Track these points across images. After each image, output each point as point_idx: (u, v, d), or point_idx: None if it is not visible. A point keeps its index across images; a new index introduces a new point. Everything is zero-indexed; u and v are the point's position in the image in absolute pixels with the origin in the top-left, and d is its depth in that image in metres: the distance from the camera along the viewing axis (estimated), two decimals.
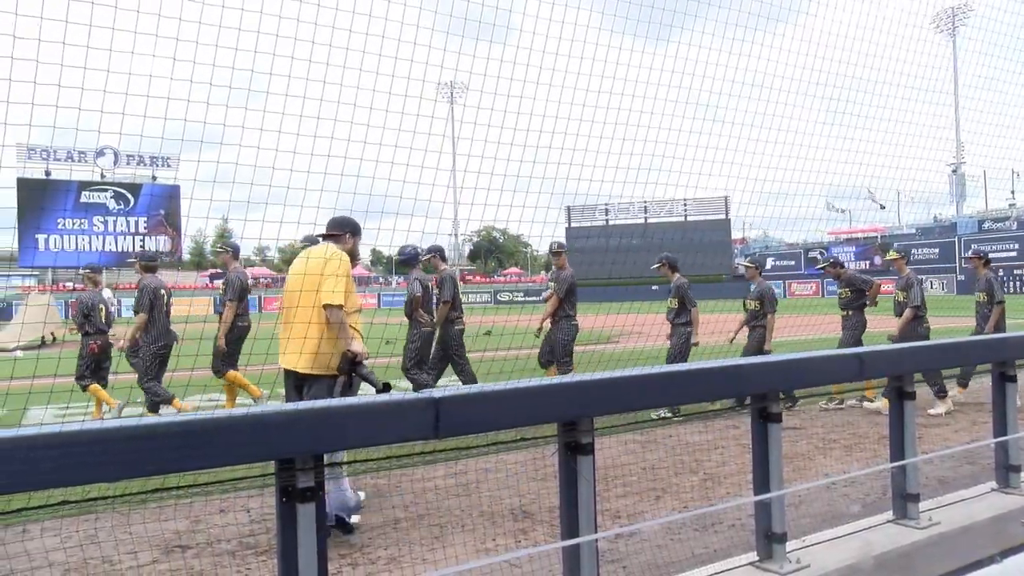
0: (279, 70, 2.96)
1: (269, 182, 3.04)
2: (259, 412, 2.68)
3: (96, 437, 2.35)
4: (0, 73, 2.23)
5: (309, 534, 2.81)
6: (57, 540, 4.61)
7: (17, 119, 2.39)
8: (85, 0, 2.34)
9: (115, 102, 2.57)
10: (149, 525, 4.85)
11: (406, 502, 5.57)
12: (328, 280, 4.93)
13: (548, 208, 4.20)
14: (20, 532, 4.71)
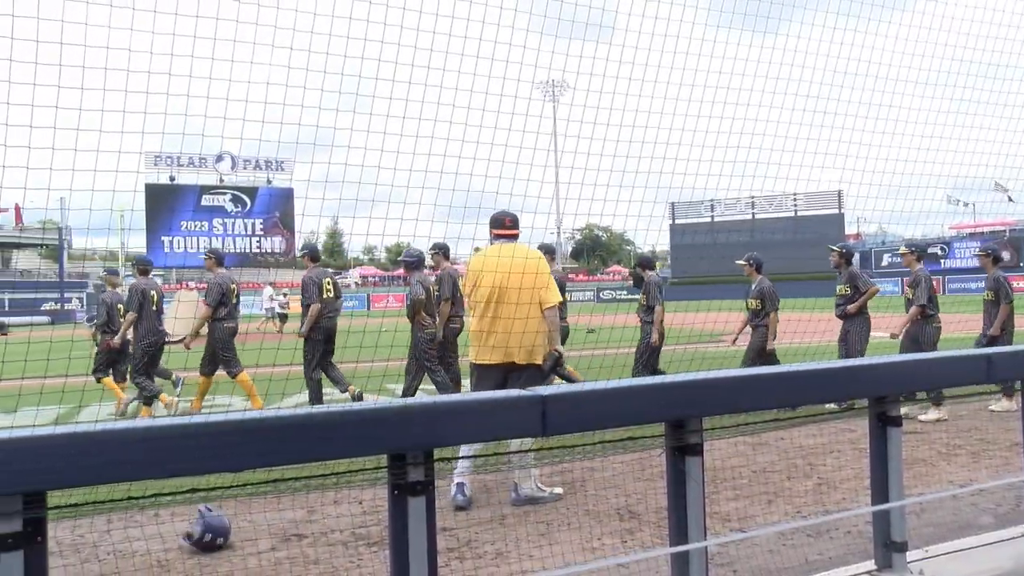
0: (385, 75, 3.04)
1: (375, 182, 3.12)
2: (373, 407, 2.76)
3: (221, 429, 2.48)
4: (132, 86, 2.38)
5: (420, 527, 2.87)
6: (186, 524, 4.89)
7: (147, 128, 2.55)
8: (210, 17, 2.47)
9: (234, 109, 2.70)
10: (273, 513, 5.06)
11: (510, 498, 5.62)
12: (545, 278, 5.48)
13: (652, 203, 4.15)
14: (152, 516, 5.02)
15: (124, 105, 2.32)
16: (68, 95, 2.37)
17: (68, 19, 2.29)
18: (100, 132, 2.36)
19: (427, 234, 5.38)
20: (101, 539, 4.68)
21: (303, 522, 5.13)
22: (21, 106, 2.31)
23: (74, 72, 2.36)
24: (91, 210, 2.53)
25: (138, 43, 2.40)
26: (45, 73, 2.36)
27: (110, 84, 2.40)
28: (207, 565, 4.38)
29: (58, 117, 2.38)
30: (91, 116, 2.43)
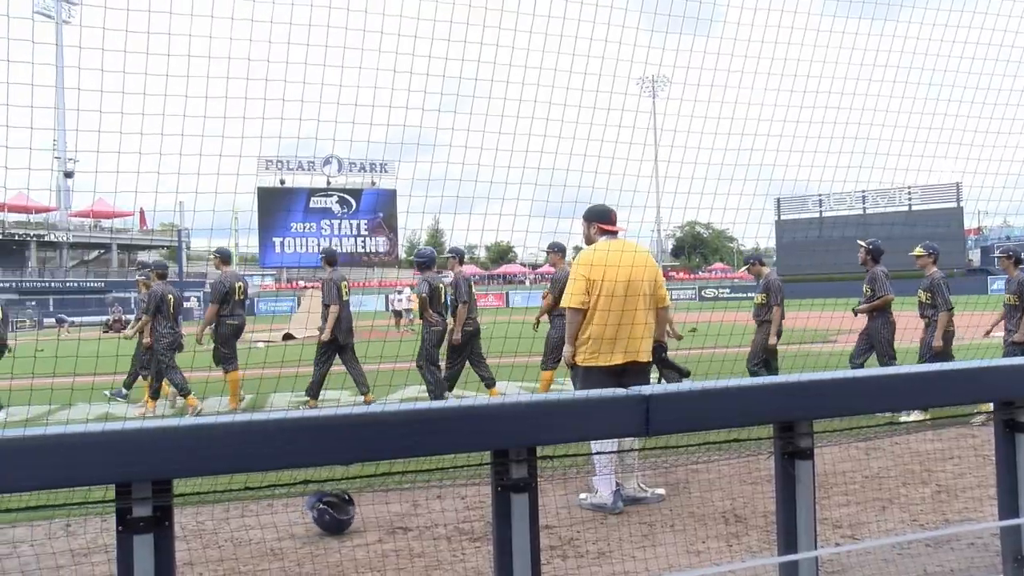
0: (484, 75, 3.06)
1: (476, 179, 3.15)
2: (476, 404, 2.81)
3: (333, 424, 2.57)
4: (248, 93, 2.49)
5: (523, 524, 2.90)
6: (297, 514, 5.08)
7: (259, 133, 2.66)
8: (320, 25, 2.56)
9: (342, 113, 2.78)
10: (380, 506, 5.19)
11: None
12: (662, 276, 5.46)
13: (755, 196, 4.03)
14: (267, 506, 5.24)
15: (244, 111, 2.44)
16: (191, 103, 2.51)
17: (193, 32, 2.42)
18: (223, 138, 2.49)
19: (525, 229, 5.37)
20: (219, 526, 4.91)
21: (408, 515, 5.25)
22: (152, 116, 2.46)
23: (198, 82, 2.50)
24: (213, 211, 2.66)
25: (254, 51, 2.51)
26: (174, 83, 2.51)
27: (228, 91, 2.52)
28: (318, 555, 4.54)
29: (175, 124, 2.52)
30: (211, 123, 2.56)
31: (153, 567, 2.42)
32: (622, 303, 5.19)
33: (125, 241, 74.35)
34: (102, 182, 2.63)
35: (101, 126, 2.55)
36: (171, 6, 2.40)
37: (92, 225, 72.85)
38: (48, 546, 4.65)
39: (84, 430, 2.31)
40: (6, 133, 2.59)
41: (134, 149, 2.55)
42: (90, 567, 4.32)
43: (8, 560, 4.39)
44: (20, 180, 2.92)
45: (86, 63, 2.53)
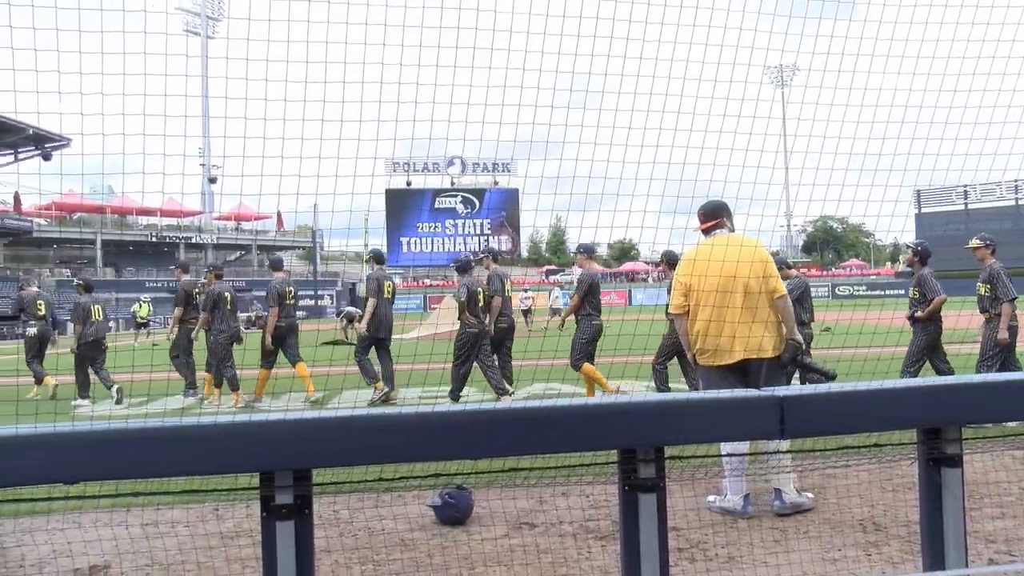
0: (614, 69, 3.03)
1: (594, 175, 3.12)
2: (605, 403, 2.79)
3: (463, 420, 2.62)
4: (371, 96, 2.57)
5: (651, 524, 2.86)
6: (425, 507, 5.21)
7: (386, 135, 2.74)
8: (434, 27, 2.61)
9: (466, 113, 2.81)
10: (507, 501, 5.26)
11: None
12: (770, 267, 5.16)
13: (900, 188, 3.80)
14: (397, 497, 5.40)
15: (379, 114, 2.53)
16: (319, 107, 2.62)
17: (329, 39, 2.53)
18: (358, 142, 2.59)
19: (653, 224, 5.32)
20: (353, 516, 5.10)
21: (533, 511, 5.28)
22: (292, 121, 2.59)
23: (321, 88, 2.61)
24: (349, 212, 2.76)
25: (386, 56, 2.59)
26: (304, 89, 2.63)
27: (354, 95, 2.61)
28: (447, 546, 4.64)
29: (307, 129, 2.64)
30: (341, 127, 2.66)
31: (294, 552, 2.54)
32: (724, 300, 5.03)
33: (264, 242, 78.59)
34: (243, 186, 2.78)
35: (244, 132, 2.70)
36: (308, 14, 2.50)
37: (234, 227, 77.47)
38: (200, 528, 4.97)
39: (232, 421, 2.46)
40: (163, 142, 2.78)
41: (273, 154, 2.69)
42: (236, 549, 4.58)
43: (168, 539, 4.72)
44: (172, 186, 3.11)
45: (226, 73, 2.69)
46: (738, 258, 4.99)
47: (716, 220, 5.33)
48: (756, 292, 5.06)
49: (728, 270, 5.02)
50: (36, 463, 2.34)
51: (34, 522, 5.02)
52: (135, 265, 67.91)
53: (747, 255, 5.04)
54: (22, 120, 40.56)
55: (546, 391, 10.15)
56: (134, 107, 2.67)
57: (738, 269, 5.00)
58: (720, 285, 5.03)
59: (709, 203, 5.27)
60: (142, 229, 72.31)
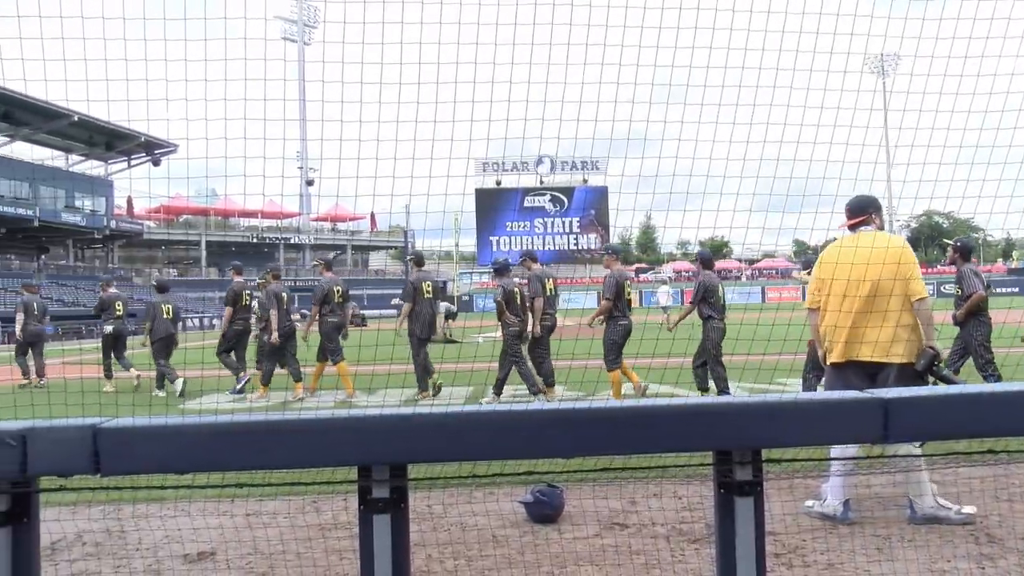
0: (699, 62, 2.95)
1: (690, 173, 3.06)
2: (700, 403, 2.74)
3: (552, 418, 2.61)
4: (462, 96, 2.60)
5: (747, 528, 2.79)
6: (516, 504, 5.23)
7: (475, 135, 2.76)
8: (545, 24, 2.61)
9: (555, 111, 2.80)
10: (598, 501, 5.24)
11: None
12: (910, 268, 4.94)
13: (1007, 181, 3.59)
14: (488, 493, 5.44)
15: (472, 114, 2.55)
16: (412, 108, 2.66)
17: (423, 40, 2.57)
18: (451, 141, 2.62)
19: (744, 225, 5.18)
20: (446, 511, 5.17)
21: (625, 512, 5.24)
22: (387, 122, 2.64)
23: (415, 89, 2.65)
24: (444, 212, 2.80)
25: (480, 55, 2.61)
26: (399, 91, 2.68)
27: (447, 96, 2.64)
28: (539, 544, 4.65)
29: (400, 130, 2.69)
30: (430, 127, 2.70)
31: (390, 544, 2.59)
32: (853, 301, 4.85)
33: (358, 243, 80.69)
34: (339, 187, 2.85)
35: (340, 135, 2.77)
36: (402, 15, 2.55)
37: (330, 228, 79.80)
38: (299, 519, 5.14)
39: (331, 415, 2.53)
40: (264, 146, 2.88)
41: (368, 155, 2.75)
42: (334, 541, 4.72)
43: (269, 529, 4.90)
44: (273, 188, 3.23)
45: (322, 76, 2.76)
46: (876, 258, 4.77)
47: (863, 217, 5.14)
48: (890, 293, 4.82)
49: (863, 268, 4.81)
50: (154, 454, 2.47)
51: (149, 508, 5.30)
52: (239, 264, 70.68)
53: (888, 255, 4.82)
54: (134, 128, 42.87)
55: (628, 392, 10.05)
56: (235, 112, 2.78)
57: (873, 268, 4.80)
58: (852, 282, 4.86)
59: (856, 199, 5.09)
60: (243, 230, 75.35)
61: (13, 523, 2.50)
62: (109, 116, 3.09)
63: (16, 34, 2.63)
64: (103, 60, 2.74)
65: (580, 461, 2.96)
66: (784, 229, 5.50)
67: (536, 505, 5.06)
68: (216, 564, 4.45)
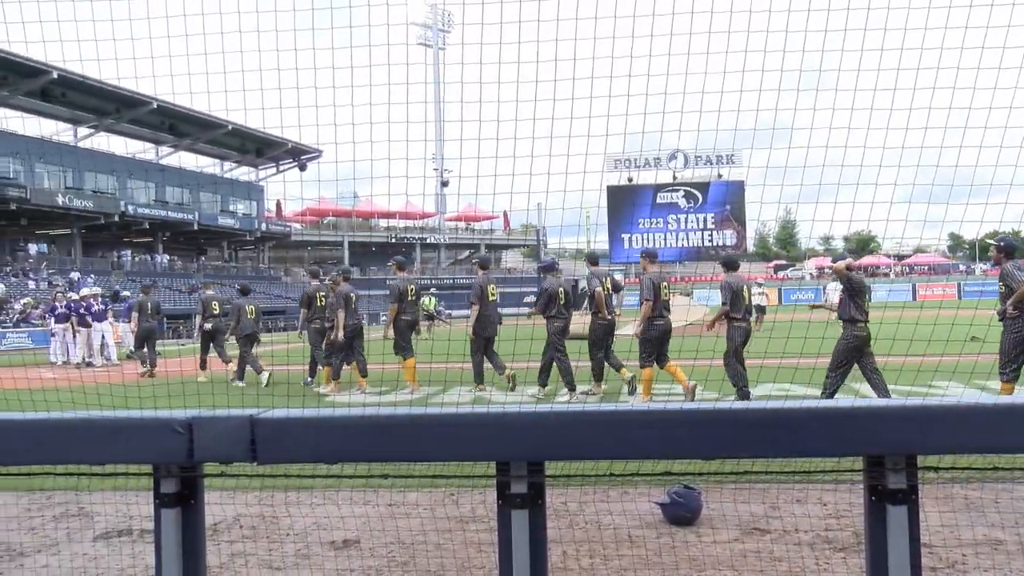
0: (851, 45, 2.79)
1: (831, 163, 2.90)
2: (848, 405, 2.60)
3: (694, 418, 2.56)
4: (594, 92, 2.57)
5: (900, 539, 2.64)
6: (652, 505, 5.16)
7: (607, 131, 2.72)
8: (666, 15, 2.55)
9: (689, 102, 2.72)
10: (737, 505, 5.10)
11: (1004, 521, 4.85)
12: None
13: None
14: (623, 493, 5.40)
15: (609, 109, 2.54)
16: (542, 106, 2.66)
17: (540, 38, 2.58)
18: (588, 137, 2.62)
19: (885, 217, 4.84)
20: (581, 509, 5.17)
21: (766, 517, 5.06)
22: (524, 120, 2.66)
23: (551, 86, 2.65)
24: (580, 208, 2.80)
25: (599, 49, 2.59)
26: (535, 89, 2.69)
27: (582, 92, 2.63)
28: (675, 546, 4.57)
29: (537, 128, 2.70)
30: (563, 124, 2.69)
31: (528, 539, 2.62)
32: None
33: (491, 241, 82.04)
34: (477, 186, 2.89)
35: (479, 134, 2.81)
36: (539, 13, 2.56)
37: (464, 227, 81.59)
38: (439, 511, 5.28)
39: (472, 412, 2.58)
40: (405, 148, 2.97)
41: (504, 154, 2.78)
42: (472, 533, 4.81)
43: (411, 519, 5.06)
44: (412, 188, 3.33)
45: (461, 78, 2.82)
46: None
47: None
48: None
49: None
50: (306, 444, 2.61)
51: (299, 496, 5.60)
52: (377, 264, 73.58)
53: None
54: (284, 135, 45.38)
55: (784, 393, 9.70)
56: (378, 116, 2.88)
57: None
58: None
59: None
60: (383, 231, 78.21)
61: (182, 504, 2.70)
62: (264, 124, 3.28)
63: (184, 51, 2.84)
64: (257, 71, 2.90)
65: (719, 463, 2.88)
66: (931, 222, 5.13)
67: (673, 506, 4.98)
68: (360, 551, 4.64)
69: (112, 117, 49.52)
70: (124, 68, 3.04)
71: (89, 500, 5.66)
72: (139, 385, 4.57)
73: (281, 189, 76.57)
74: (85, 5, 2.94)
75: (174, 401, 3.29)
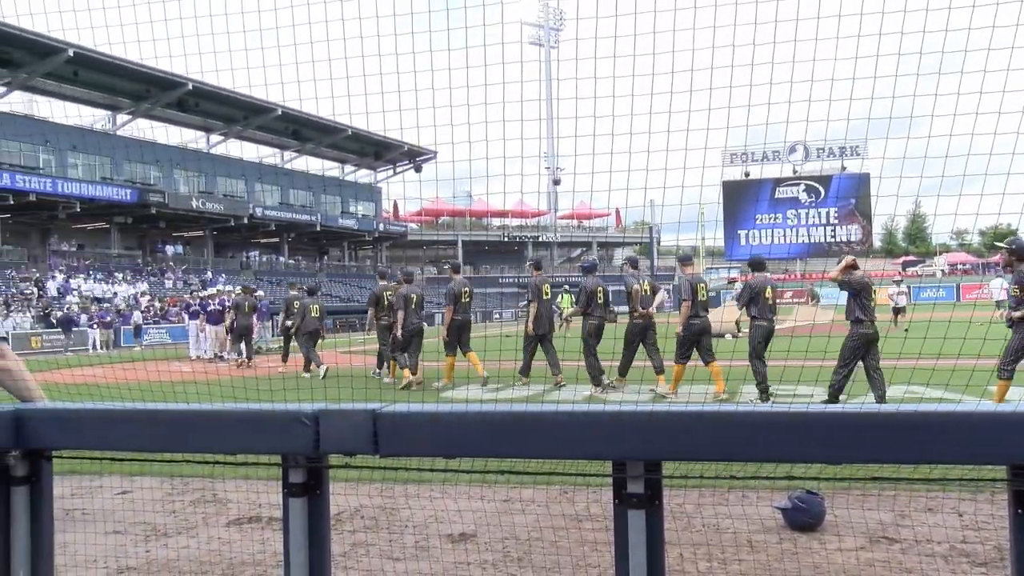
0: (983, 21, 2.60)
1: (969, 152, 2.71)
2: (991, 410, 2.43)
3: (813, 420, 2.45)
4: (705, 84, 2.50)
5: None
6: (773, 509, 5.00)
7: (724, 124, 2.64)
8: None
9: (812, 91, 2.59)
10: (865, 511, 4.89)
11: None
12: None
13: None
14: (741, 496, 5.26)
15: (728, 100, 2.47)
16: (660, 100, 2.61)
17: (657, 29, 2.53)
18: (707, 130, 2.55)
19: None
20: (698, 511, 5.06)
21: (895, 526, 4.82)
22: (640, 115, 2.63)
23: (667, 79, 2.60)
24: (698, 203, 2.74)
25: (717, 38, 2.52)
26: (651, 82, 2.65)
27: (696, 84, 2.56)
28: (798, 552, 4.42)
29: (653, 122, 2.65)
30: (677, 118, 2.63)
31: (644, 540, 2.58)
32: None
33: (603, 239, 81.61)
34: (585, 183, 2.88)
35: (593, 130, 2.79)
36: (655, 3, 2.52)
37: (576, 225, 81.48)
38: (553, 508, 5.30)
39: (589, 410, 2.57)
40: (521, 145, 2.98)
41: (619, 150, 2.75)
42: (589, 532, 4.80)
43: (528, 516, 5.10)
44: (528, 186, 3.34)
45: (576, 73, 2.80)
46: None
47: None
48: None
49: None
50: (426, 438, 2.68)
51: (418, 489, 5.74)
52: (490, 263, 74.60)
53: None
54: (402, 138, 46.66)
55: (908, 395, 9.20)
56: (493, 115, 2.91)
57: None
58: None
59: None
60: (496, 230, 79.14)
61: (309, 494, 2.81)
62: (384, 126, 3.36)
63: (310, 58, 2.95)
64: (378, 75, 2.99)
65: (845, 467, 2.75)
66: None
67: (795, 512, 4.81)
68: (477, 545, 4.71)
69: (240, 124, 52.29)
70: (255, 76, 3.20)
71: (224, 488, 5.99)
72: (258, 379, 4.81)
73: (398, 190, 78.68)
74: (221, 19, 3.11)
75: (290, 395, 3.44)
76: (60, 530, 3.69)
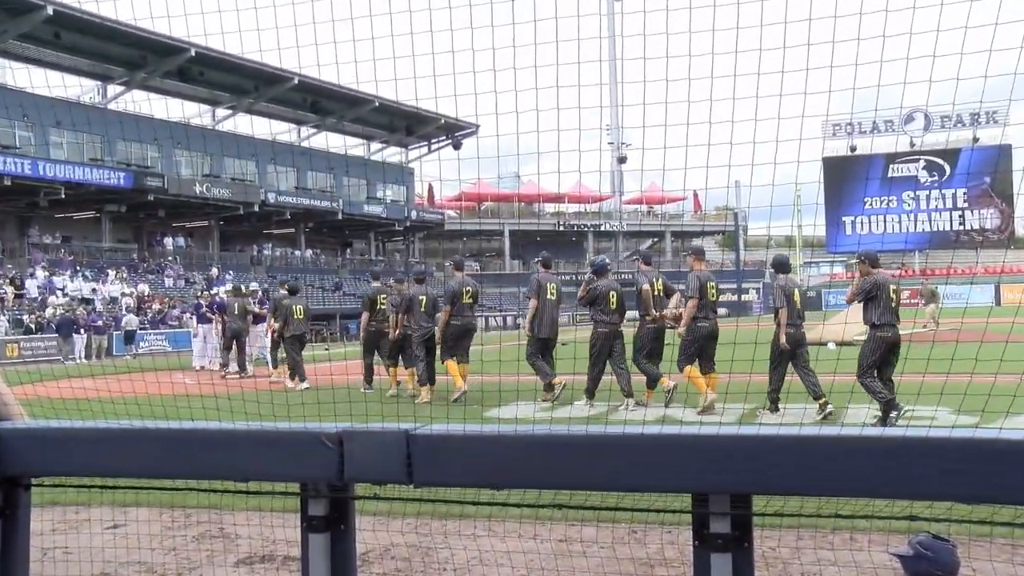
0: None
1: None
2: None
3: (942, 446, 2.38)
4: (797, 39, 2.45)
5: None
6: (889, 556, 4.90)
7: (824, 87, 2.57)
8: None
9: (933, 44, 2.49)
10: (1017, 566, 4.76)
11: None
12: None
13: None
14: (848, 539, 5.17)
15: (833, 59, 2.42)
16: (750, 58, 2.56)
17: None
18: (804, 95, 2.50)
19: None
20: (793, 556, 4.99)
21: None
22: (721, 78, 2.59)
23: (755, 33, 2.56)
24: (795, 184, 2.68)
25: None
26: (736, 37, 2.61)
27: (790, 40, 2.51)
28: None
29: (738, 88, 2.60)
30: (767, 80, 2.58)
31: None
32: None
33: (678, 228, 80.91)
34: (656, 161, 2.81)
35: (665, 97, 2.75)
36: None
37: (645, 212, 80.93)
38: (619, 551, 5.26)
39: (661, 432, 2.54)
40: (578, 116, 2.93)
41: (696, 120, 2.69)
42: None
43: (591, 559, 5.08)
44: (588, 164, 3.29)
45: (643, 30, 2.75)
46: None
47: None
48: None
49: None
50: (468, 464, 2.67)
51: (459, 526, 5.76)
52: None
53: None
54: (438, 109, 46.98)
55: None
56: (546, 80, 2.85)
57: None
58: None
59: None
60: (549, 217, 78.96)
61: (332, 529, 2.83)
62: (416, 95, 3.35)
63: (329, 17, 2.97)
64: (408, 34, 2.97)
65: (985, 508, 2.67)
66: None
67: (917, 560, 4.69)
68: None
69: (251, 96, 53.05)
70: (267, 40, 3.22)
71: (232, 521, 6.09)
72: (272, 393, 4.87)
73: (433, 171, 79.07)
74: None
75: (308, 411, 3.47)
76: (37, 573, 3.77)
